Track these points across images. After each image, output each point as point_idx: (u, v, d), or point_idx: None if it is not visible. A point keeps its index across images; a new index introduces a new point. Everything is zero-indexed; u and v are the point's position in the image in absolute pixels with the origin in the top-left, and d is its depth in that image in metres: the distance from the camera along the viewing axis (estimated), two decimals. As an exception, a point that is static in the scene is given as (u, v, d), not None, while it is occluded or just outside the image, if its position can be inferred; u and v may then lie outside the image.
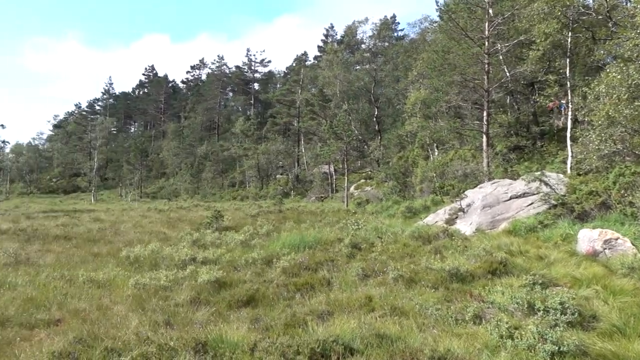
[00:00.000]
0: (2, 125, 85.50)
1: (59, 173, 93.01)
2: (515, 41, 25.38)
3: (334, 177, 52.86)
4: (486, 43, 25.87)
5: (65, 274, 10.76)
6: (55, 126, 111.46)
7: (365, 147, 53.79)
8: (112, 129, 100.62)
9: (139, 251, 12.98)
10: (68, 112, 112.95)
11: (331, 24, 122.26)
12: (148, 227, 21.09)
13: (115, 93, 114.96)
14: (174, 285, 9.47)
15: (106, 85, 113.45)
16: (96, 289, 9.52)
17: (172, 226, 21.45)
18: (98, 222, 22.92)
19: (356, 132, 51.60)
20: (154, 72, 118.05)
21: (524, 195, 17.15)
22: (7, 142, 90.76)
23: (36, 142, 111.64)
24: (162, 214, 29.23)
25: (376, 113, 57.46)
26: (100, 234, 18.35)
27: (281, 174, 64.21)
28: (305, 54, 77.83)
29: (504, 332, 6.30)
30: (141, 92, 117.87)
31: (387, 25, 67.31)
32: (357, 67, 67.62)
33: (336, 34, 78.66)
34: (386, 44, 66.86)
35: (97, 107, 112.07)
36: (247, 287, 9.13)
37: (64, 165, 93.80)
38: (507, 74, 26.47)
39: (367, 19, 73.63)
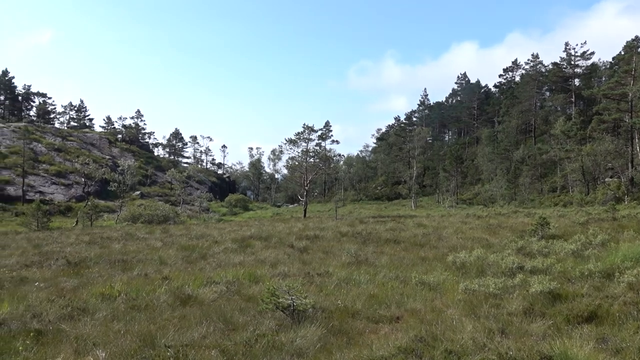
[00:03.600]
0: (337, 142, 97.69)
1: (382, 181, 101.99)
2: None
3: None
4: None
5: (399, 275, 11.62)
6: (378, 139, 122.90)
7: None
8: (428, 139, 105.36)
9: (464, 257, 13.17)
10: (389, 125, 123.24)
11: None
12: (469, 233, 21.27)
13: (430, 104, 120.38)
14: (503, 293, 9.28)
15: (421, 98, 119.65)
16: (427, 291, 10.00)
17: (492, 232, 21.16)
18: (421, 228, 24.15)
19: None
20: (466, 79, 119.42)
21: None
22: (343, 155, 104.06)
23: (363, 154, 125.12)
24: (481, 220, 29.16)
25: None
26: (424, 239, 19.28)
27: (611, 177, 57.16)
28: (636, 39, 67.74)
29: None
30: (454, 101, 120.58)
31: None
32: None
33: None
34: None
35: (414, 119, 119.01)
36: (586, 301, 8.32)
37: (387, 174, 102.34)
38: None
39: None
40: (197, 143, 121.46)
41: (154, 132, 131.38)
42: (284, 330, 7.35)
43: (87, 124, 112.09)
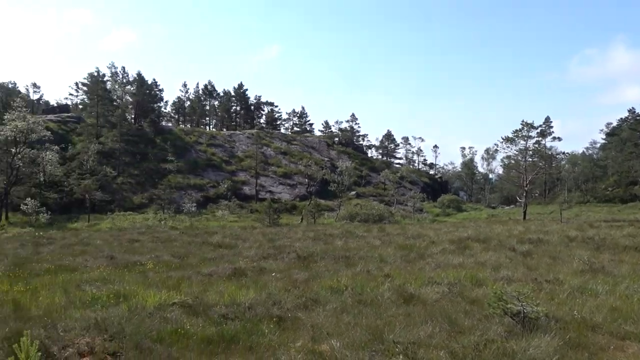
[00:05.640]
0: (558, 138, 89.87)
1: (614, 181, 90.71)
2: None
3: None
4: None
5: (646, 287, 10.21)
6: (608, 134, 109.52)
7: None
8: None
9: None
10: (621, 118, 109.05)
11: None
12: None
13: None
14: None
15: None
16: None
17: None
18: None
19: None
20: None
21: None
22: (566, 153, 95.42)
23: (590, 152, 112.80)
24: None
25: None
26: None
27: None
28: None
29: None
30: None
31: None
32: None
33: None
34: None
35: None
36: None
37: (620, 174, 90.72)
38: None
39: None
40: (409, 144, 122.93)
41: (367, 135, 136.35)
42: (514, 338, 6.98)
43: (308, 129, 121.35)
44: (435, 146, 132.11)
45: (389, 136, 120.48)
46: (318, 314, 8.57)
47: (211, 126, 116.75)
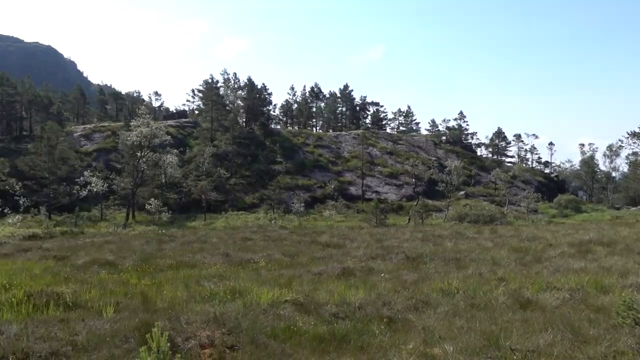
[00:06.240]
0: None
1: None
2: None
3: None
4: None
5: None
6: None
7: None
8: None
9: None
10: None
11: None
12: None
13: None
14: None
15: None
16: None
17: None
18: None
19: None
20: None
21: None
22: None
23: None
24: None
25: None
26: None
27: None
28: None
29: None
30: None
31: None
32: None
33: None
34: None
35: None
36: None
37: None
38: None
39: None
40: (521, 141, 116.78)
41: (476, 133, 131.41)
42: (649, 351, 6.39)
43: (414, 128, 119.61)
44: (551, 143, 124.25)
45: (499, 134, 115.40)
46: (429, 316, 8.42)
47: (318, 127, 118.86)
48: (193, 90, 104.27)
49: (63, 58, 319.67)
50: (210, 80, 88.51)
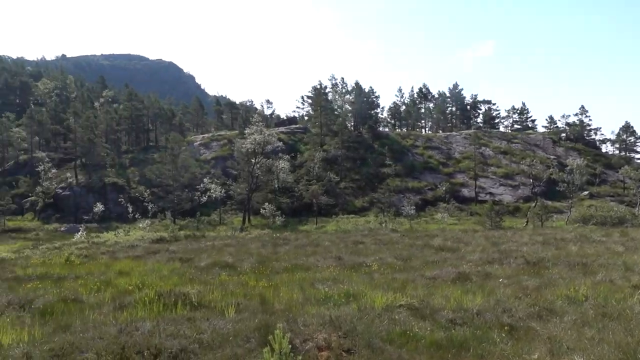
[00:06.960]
0: None
1: None
2: None
3: None
4: None
5: None
6: None
7: None
8: None
9: None
10: None
11: None
12: None
13: None
14: None
15: None
16: None
17: None
18: None
19: None
20: None
21: None
22: None
23: None
24: None
25: None
26: None
27: None
28: None
29: None
30: None
31: None
32: None
33: None
34: None
35: None
36: None
37: None
38: None
39: None
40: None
41: (600, 128, 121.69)
42: None
43: (530, 126, 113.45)
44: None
45: (627, 128, 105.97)
46: (555, 325, 7.92)
47: (427, 129, 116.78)
48: (302, 97, 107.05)
49: (183, 72, 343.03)
50: (318, 86, 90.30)
